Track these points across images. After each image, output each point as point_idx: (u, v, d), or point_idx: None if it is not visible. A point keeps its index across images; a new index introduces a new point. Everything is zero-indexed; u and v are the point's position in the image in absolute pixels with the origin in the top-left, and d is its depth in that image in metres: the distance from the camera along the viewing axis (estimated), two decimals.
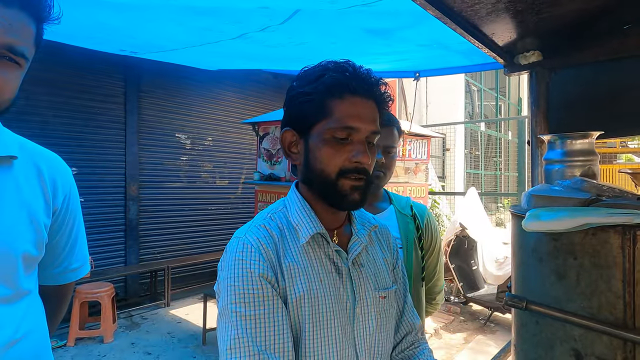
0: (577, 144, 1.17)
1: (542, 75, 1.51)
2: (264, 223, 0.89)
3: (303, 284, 0.84)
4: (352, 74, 0.86)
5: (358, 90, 0.85)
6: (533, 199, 1.04)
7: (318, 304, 0.84)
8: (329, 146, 0.85)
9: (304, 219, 0.89)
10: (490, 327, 5.01)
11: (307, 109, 0.87)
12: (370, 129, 0.86)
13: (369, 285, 0.94)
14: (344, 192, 0.85)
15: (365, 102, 0.86)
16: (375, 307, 0.94)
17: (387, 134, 1.43)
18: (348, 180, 0.85)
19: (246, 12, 2.93)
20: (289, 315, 0.82)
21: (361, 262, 0.95)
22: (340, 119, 0.84)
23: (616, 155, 10.41)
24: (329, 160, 0.85)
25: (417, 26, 2.99)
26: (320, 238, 0.90)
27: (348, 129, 0.84)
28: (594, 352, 0.88)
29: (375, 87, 0.88)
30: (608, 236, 0.86)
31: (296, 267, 0.85)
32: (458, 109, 9.72)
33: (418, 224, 1.49)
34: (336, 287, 0.88)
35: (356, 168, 0.84)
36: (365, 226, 1.00)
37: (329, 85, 0.85)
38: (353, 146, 0.85)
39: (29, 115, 4.63)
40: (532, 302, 0.97)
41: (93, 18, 3.24)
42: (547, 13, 1.22)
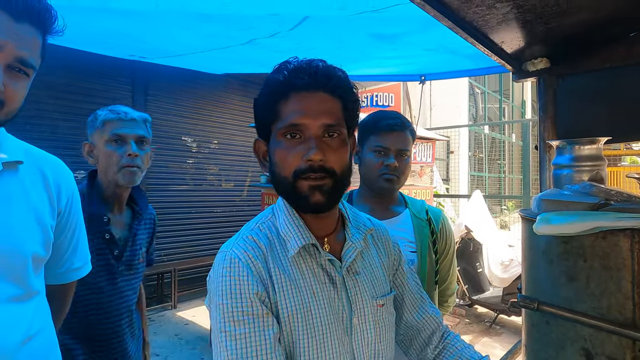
0: (585, 149, 1.20)
1: (550, 82, 1.54)
2: (252, 234, 0.85)
3: (295, 297, 0.80)
4: (291, 70, 0.82)
5: (300, 85, 0.81)
6: (543, 203, 1.07)
7: (312, 318, 0.81)
8: (281, 148, 0.82)
9: (292, 229, 0.85)
10: (495, 329, 5.02)
11: (261, 115, 0.86)
12: (321, 122, 0.81)
13: (365, 293, 0.90)
14: (303, 193, 0.81)
15: (313, 96, 0.82)
16: (374, 316, 0.90)
17: (399, 137, 1.44)
18: (305, 181, 0.81)
19: (256, 18, 2.98)
20: (282, 330, 0.79)
21: (356, 269, 0.91)
22: (285, 117, 0.81)
23: (620, 157, 10.40)
24: (283, 163, 0.82)
25: (425, 31, 3.02)
26: (312, 247, 0.86)
27: (294, 127, 0.81)
28: (604, 351, 0.91)
29: (322, 78, 0.82)
30: (617, 239, 0.89)
31: (287, 280, 0.81)
32: (462, 111, 9.74)
33: (433, 228, 1.50)
34: (330, 299, 0.84)
35: (311, 167, 0.80)
36: (360, 230, 0.96)
37: (273, 87, 0.83)
38: (305, 144, 0.80)
39: (39, 120, 4.69)
40: (543, 303, 1.00)
41: (104, 25, 3.30)
42: (555, 22, 1.25)
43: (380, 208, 1.50)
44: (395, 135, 1.43)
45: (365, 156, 1.48)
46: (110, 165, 1.47)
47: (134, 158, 1.46)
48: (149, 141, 1.55)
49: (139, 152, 1.48)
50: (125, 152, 1.46)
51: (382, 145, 1.43)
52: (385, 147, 1.43)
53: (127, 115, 1.51)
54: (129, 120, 1.51)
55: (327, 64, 0.85)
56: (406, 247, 1.45)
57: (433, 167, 5.64)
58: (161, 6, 2.79)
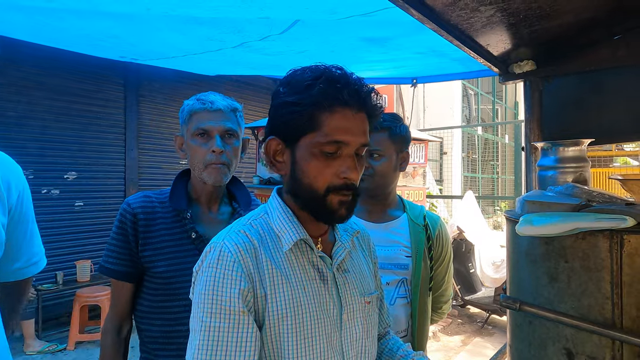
0: (569, 151, 1.22)
1: (535, 84, 1.56)
2: (244, 229, 0.86)
3: (285, 291, 0.81)
4: (343, 85, 0.81)
5: (349, 102, 0.81)
6: (526, 204, 1.08)
7: (301, 312, 0.81)
8: (317, 160, 0.82)
9: (286, 225, 0.87)
10: (487, 329, 5.05)
11: (295, 120, 0.82)
12: (359, 142, 0.83)
13: (354, 290, 0.92)
14: (332, 208, 0.83)
15: (356, 115, 0.82)
16: (362, 313, 0.92)
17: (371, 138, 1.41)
18: (337, 196, 0.82)
19: (247, 22, 2.98)
20: (269, 324, 0.80)
21: (346, 267, 0.93)
22: (329, 133, 0.80)
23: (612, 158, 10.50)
24: (317, 176, 0.82)
25: (414, 35, 3.04)
26: (304, 245, 0.88)
27: (337, 144, 0.81)
28: (585, 350, 0.92)
29: (368, 99, 0.84)
30: (597, 240, 0.90)
31: (279, 273, 0.82)
32: (455, 113, 9.79)
33: (429, 234, 1.49)
34: (320, 295, 0.85)
35: (345, 184, 0.82)
36: (347, 231, 0.99)
37: (319, 98, 0.80)
38: (342, 161, 0.82)
39: (30, 120, 4.66)
40: (525, 303, 1.01)
41: (95, 27, 3.29)
42: (539, 25, 1.27)
43: (376, 210, 1.50)
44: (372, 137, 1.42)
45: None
46: (196, 162, 1.32)
47: (219, 155, 1.29)
48: (237, 134, 1.37)
49: (225, 147, 1.31)
50: (210, 147, 1.30)
51: None
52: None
53: (213, 106, 1.33)
54: (215, 111, 1.32)
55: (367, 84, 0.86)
56: (401, 252, 1.45)
57: (426, 168, 5.67)
58: (152, 9, 2.79)
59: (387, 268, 1.43)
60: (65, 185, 4.97)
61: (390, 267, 1.44)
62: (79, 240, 5.08)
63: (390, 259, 1.44)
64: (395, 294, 1.44)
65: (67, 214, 4.99)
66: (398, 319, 1.43)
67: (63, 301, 4.77)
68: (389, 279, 1.43)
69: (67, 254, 4.92)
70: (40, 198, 4.79)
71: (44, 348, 4.06)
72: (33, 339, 4.06)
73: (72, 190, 5.03)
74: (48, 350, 4.06)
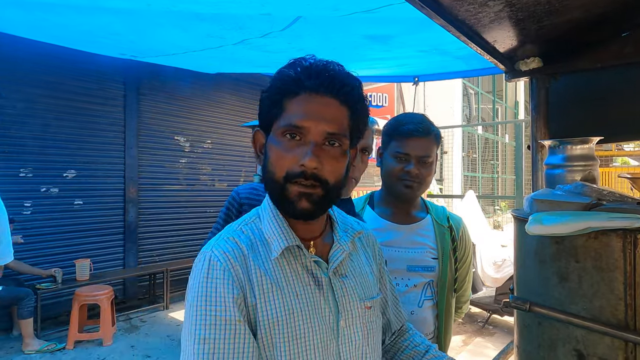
0: (578, 149, 1.19)
1: (542, 82, 1.54)
2: (233, 235, 0.83)
3: (276, 300, 0.78)
4: (305, 68, 0.79)
5: (312, 86, 0.78)
6: (535, 203, 1.06)
7: (294, 321, 0.78)
8: (279, 147, 0.79)
9: (275, 230, 0.83)
10: (488, 329, 5.04)
11: (265, 107, 0.82)
12: (324, 129, 0.77)
13: (353, 295, 0.88)
14: (290, 198, 0.78)
15: (322, 99, 0.78)
16: (361, 319, 0.88)
17: (421, 144, 1.38)
18: (296, 186, 0.77)
19: (248, 18, 2.96)
20: (261, 334, 0.76)
21: (344, 271, 0.89)
22: (289, 117, 0.78)
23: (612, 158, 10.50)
24: (277, 162, 0.79)
25: (417, 33, 3.02)
26: (296, 249, 0.83)
27: (295, 128, 0.77)
28: (596, 352, 0.90)
29: (335, 83, 0.79)
30: (609, 240, 0.88)
31: (269, 282, 0.78)
32: (455, 112, 9.77)
33: (454, 235, 1.48)
34: (315, 301, 0.82)
35: (303, 173, 0.76)
36: (348, 233, 0.94)
37: (283, 82, 0.79)
38: (302, 148, 0.77)
39: (30, 118, 4.64)
40: (535, 304, 0.99)
41: (95, 23, 3.27)
42: (547, 21, 1.25)
43: (401, 212, 1.48)
44: (417, 141, 1.38)
45: (386, 160, 1.45)
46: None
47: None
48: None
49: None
50: None
51: (402, 151, 1.39)
52: (406, 153, 1.38)
53: None
54: None
55: (344, 69, 0.82)
56: (427, 254, 1.43)
57: None
58: (153, 5, 2.77)
59: (415, 270, 1.41)
60: (64, 184, 4.95)
61: (418, 270, 1.42)
62: (78, 239, 5.06)
63: (417, 261, 1.42)
64: (423, 297, 1.42)
65: (66, 212, 4.97)
66: (426, 320, 1.42)
67: (62, 300, 4.75)
68: (416, 282, 1.41)
69: (66, 253, 4.90)
70: (40, 196, 4.77)
71: (43, 347, 4.04)
72: (32, 338, 4.04)
73: (72, 189, 5.01)
74: (47, 349, 4.04)
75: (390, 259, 1.41)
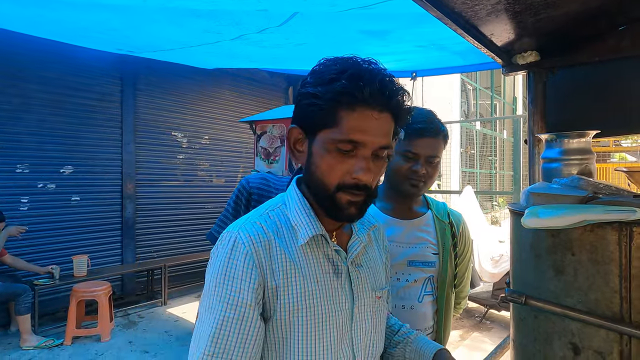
0: (574, 143, 1.19)
1: (539, 76, 1.53)
2: (260, 220, 0.86)
3: (298, 284, 0.82)
4: (366, 82, 0.77)
5: (370, 102, 0.78)
6: (532, 196, 1.06)
7: (314, 305, 0.82)
8: (331, 157, 0.80)
9: (303, 219, 0.86)
10: (485, 324, 5.05)
11: (314, 113, 0.81)
12: (378, 144, 0.80)
13: (367, 285, 0.93)
14: (340, 205, 0.82)
15: (378, 115, 0.79)
16: (371, 307, 0.93)
17: (430, 144, 1.37)
18: (346, 195, 0.81)
19: (244, 14, 2.95)
20: (280, 316, 0.80)
21: (360, 262, 0.94)
22: (346, 131, 0.78)
23: (610, 154, 10.52)
24: (329, 172, 0.80)
25: (414, 27, 3.02)
26: (320, 237, 0.87)
27: (353, 143, 0.78)
28: (592, 345, 0.90)
29: (393, 98, 0.80)
30: (605, 233, 0.88)
31: (292, 266, 0.82)
32: (453, 107, 9.76)
33: (454, 231, 1.49)
34: (334, 288, 0.86)
35: (356, 185, 0.80)
36: (365, 225, 0.98)
37: (340, 94, 0.77)
38: (356, 161, 0.79)
39: (26, 114, 4.62)
40: (531, 297, 0.99)
41: (91, 18, 3.25)
42: (544, 14, 1.24)
43: (402, 208, 1.48)
44: (427, 141, 1.36)
45: (393, 157, 1.42)
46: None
47: None
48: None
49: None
50: None
51: (412, 150, 1.37)
52: (415, 153, 1.36)
53: None
54: None
55: (397, 82, 0.82)
56: (428, 249, 1.43)
57: None
58: (148, 1, 2.75)
59: (415, 265, 1.41)
60: (61, 180, 4.93)
61: (418, 265, 1.42)
62: (75, 235, 5.05)
63: (418, 256, 1.42)
64: (423, 292, 1.42)
65: (63, 208, 4.96)
66: (426, 316, 1.42)
67: (59, 296, 4.74)
68: (417, 277, 1.41)
69: (63, 249, 4.89)
70: (37, 192, 4.75)
71: (41, 343, 4.04)
72: (29, 334, 4.04)
73: (69, 185, 4.99)
74: (45, 345, 4.04)
75: (391, 253, 1.41)
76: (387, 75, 0.80)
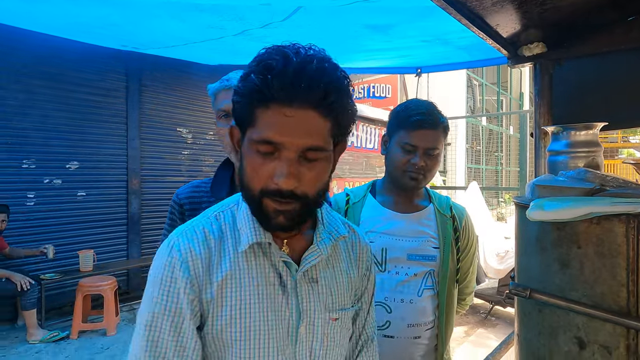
0: (581, 135, 1.17)
1: (545, 67, 1.51)
2: (205, 225, 0.79)
3: (234, 296, 0.75)
4: (277, 75, 0.67)
5: (283, 97, 0.67)
6: (537, 189, 1.04)
7: (250, 319, 0.75)
8: (253, 159, 0.72)
9: (247, 223, 0.78)
10: (491, 320, 5.03)
11: (237, 111, 0.74)
12: (303, 145, 0.69)
13: (319, 304, 0.82)
14: (267, 213, 0.73)
15: (294, 112, 0.68)
16: (324, 329, 0.82)
17: (429, 136, 1.35)
18: (271, 202, 0.71)
19: (248, 9, 2.94)
20: (213, 331, 0.75)
21: (315, 276, 0.83)
22: (261, 131, 0.69)
23: (618, 150, 10.41)
24: (252, 176, 0.72)
25: (419, 21, 2.99)
26: (267, 245, 0.78)
27: (271, 144, 0.69)
28: (597, 339, 0.89)
29: (314, 94, 0.68)
30: (612, 225, 0.87)
31: (231, 277, 0.75)
32: (459, 103, 9.71)
33: (457, 225, 1.47)
34: (277, 302, 0.77)
35: (278, 191, 0.70)
36: (332, 235, 0.85)
37: (251, 90, 0.69)
38: (278, 164, 0.69)
39: (31, 109, 4.64)
40: (535, 291, 0.98)
41: (92, 14, 3.25)
42: (550, 4, 1.22)
43: (404, 201, 1.47)
44: (425, 133, 1.35)
45: (392, 150, 1.42)
46: None
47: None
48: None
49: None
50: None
51: (410, 142, 1.35)
52: (413, 145, 1.35)
53: None
54: None
55: (324, 68, 0.69)
56: (428, 243, 1.42)
57: None
58: None
59: (415, 259, 1.40)
60: (67, 175, 4.95)
61: (418, 259, 1.40)
62: (81, 230, 5.08)
63: (418, 250, 1.41)
64: (423, 286, 1.41)
65: (69, 203, 4.98)
66: (425, 310, 1.40)
67: (66, 291, 4.78)
68: (417, 271, 1.40)
69: (69, 244, 4.92)
70: (43, 188, 4.78)
71: (46, 337, 4.07)
72: (36, 328, 4.07)
73: (75, 180, 5.02)
74: (50, 337, 4.07)
75: (391, 247, 1.40)
76: (316, 64, 0.68)
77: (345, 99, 0.73)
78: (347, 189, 1.61)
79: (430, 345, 1.42)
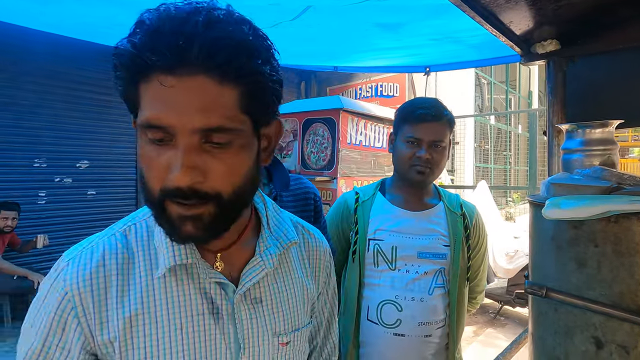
0: (597, 133, 1.16)
1: (559, 65, 1.49)
2: (109, 242, 0.63)
3: (147, 335, 0.60)
4: (150, 34, 0.51)
5: (161, 63, 0.51)
6: (553, 187, 1.03)
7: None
8: (145, 150, 0.56)
9: (164, 239, 0.61)
10: (500, 320, 5.00)
11: (120, 92, 0.58)
12: (197, 125, 0.52)
13: (265, 328, 0.68)
14: (171, 221, 0.56)
15: (176, 80, 0.51)
16: (271, 356, 0.68)
17: (433, 128, 1.36)
18: (175, 205, 0.55)
19: (256, 8, 2.94)
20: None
21: (258, 295, 0.68)
22: (144, 111, 0.54)
23: (629, 149, 10.30)
24: (147, 172, 0.56)
25: (429, 20, 2.98)
26: (192, 265, 0.63)
27: (157, 128, 0.53)
28: (615, 339, 0.88)
29: (201, 52, 0.51)
30: (631, 223, 0.86)
31: (142, 311, 0.60)
32: (468, 102, 9.65)
33: (467, 223, 1.46)
34: (207, 336, 0.63)
35: (178, 190, 0.53)
36: (280, 241, 0.71)
37: (125, 59, 0.53)
38: (172, 152, 0.54)
39: (42, 109, 4.69)
40: (552, 290, 0.97)
41: (97, 14, 3.27)
42: (565, 1, 1.21)
43: (413, 199, 1.47)
44: (428, 125, 1.37)
45: (398, 146, 1.43)
46: None
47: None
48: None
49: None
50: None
51: (414, 136, 1.37)
52: (417, 138, 1.37)
53: None
54: None
55: (216, 19, 0.53)
56: (439, 241, 1.42)
57: None
58: None
59: (426, 257, 1.40)
60: (77, 174, 5.00)
61: (429, 257, 1.41)
62: (91, 229, 5.09)
63: (428, 248, 1.41)
64: (433, 284, 1.41)
65: (79, 202, 5.03)
66: (436, 308, 1.40)
67: None
68: (427, 269, 1.40)
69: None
70: (54, 187, 4.83)
71: None
72: None
73: (85, 179, 5.07)
74: None
75: (401, 245, 1.40)
76: (200, 17, 0.51)
77: (255, 60, 0.55)
78: (357, 187, 1.61)
79: (441, 344, 1.42)
